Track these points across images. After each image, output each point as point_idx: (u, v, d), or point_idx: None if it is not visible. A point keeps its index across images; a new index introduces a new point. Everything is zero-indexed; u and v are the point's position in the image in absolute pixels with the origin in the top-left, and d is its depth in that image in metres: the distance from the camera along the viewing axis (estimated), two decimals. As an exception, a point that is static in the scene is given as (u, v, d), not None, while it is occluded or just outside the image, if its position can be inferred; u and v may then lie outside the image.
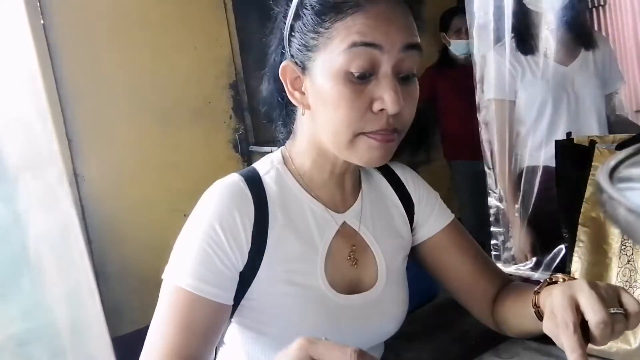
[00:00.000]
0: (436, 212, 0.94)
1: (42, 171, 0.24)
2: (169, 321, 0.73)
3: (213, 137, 2.60)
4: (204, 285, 0.74)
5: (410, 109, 0.75)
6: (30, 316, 0.23)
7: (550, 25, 1.51)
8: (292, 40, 0.76)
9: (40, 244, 0.23)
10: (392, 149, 0.76)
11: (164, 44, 2.42)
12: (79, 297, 0.25)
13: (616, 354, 0.88)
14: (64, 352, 0.24)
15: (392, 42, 0.70)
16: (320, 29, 0.72)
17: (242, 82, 2.69)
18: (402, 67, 0.72)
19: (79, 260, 0.24)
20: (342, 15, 0.70)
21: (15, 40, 0.25)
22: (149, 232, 2.32)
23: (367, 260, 0.86)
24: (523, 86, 1.64)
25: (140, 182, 2.36)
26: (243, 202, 0.78)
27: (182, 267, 0.75)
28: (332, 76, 0.71)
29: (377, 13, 0.70)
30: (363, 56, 0.70)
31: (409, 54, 0.72)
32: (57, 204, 0.24)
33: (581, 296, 0.63)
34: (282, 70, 0.77)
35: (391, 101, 0.70)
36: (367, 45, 0.69)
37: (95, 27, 2.26)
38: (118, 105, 2.31)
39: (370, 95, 0.71)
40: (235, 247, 0.76)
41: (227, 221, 0.76)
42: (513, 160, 1.58)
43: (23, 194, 0.23)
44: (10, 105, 0.24)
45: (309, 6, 0.73)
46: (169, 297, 0.75)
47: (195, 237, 0.76)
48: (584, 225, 0.99)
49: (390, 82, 0.71)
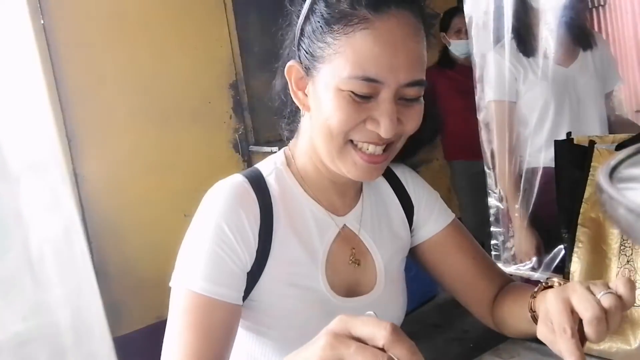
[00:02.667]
0: (436, 213, 0.94)
1: (44, 171, 0.24)
2: (188, 328, 0.71)
3: (213, 137, 2.60)
4: (219, 288, 0.73)
5: (410, 126, 0.74)
6: (31, 316, 0.23)
7: (550, 25, 1.51)
8: (301, 43, 0.75)
9: (42, 244, 0.23)
10: (381, 167, 0.77)
11: (164, 44, 2.42)
12: (81, 297, 0.25)
13: (616, 354, 0.88)
14: (65, 352, 0.24)
15: (395, 79, 0.69)
16: (328, 38, 0.71)
17: (242, 82, 2.69)
18: (405, 94, 0.72)
19: (81, 260, 0.25)
20: (351, 29, 0.69)
21: (18, 41, 0.25)
22: (149, 232, 2.32)
23: (367, 263, 0.86)
24: (525, 87, 1.63)
25: (140, 182, 2.35)
26: (248, 202, 0.77)
27: (193, 271, 0.74)
28: (333, 91, 0.71)
29: (386, 35, 0.69)
30: (364, 86, 0.69)
31: (412, 89, 0.72)
32: (60, 204, 0.24)
33: (573, 296, 0.63)
34: (288, 69, 0.77)
35: (385, 128, 0.70)
36: (367, 80, 0.69)
37: (95, 27, 2.26)
38: (118, 105, 2.31)
39: (368, 113, 0.71)
40: (244, 247, 0.75)
41: (234, 221, 0.75)
42: (515, 162, 1.58)
43: (25, 194, 0.23)
44: (12, 105, 0.24)
45: (319, 13, 0.72)
46: (183, 304, 0.73)
47: (204, 239, 0.75)
48: (584, 226, 0.99)
49: (389, 108, 0.70)
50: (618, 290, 0.62)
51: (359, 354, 0.47)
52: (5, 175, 0.22)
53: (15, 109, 0.23)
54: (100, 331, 0.25)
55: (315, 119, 0.75)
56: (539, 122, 1.64)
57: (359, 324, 0.50)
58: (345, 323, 0.50)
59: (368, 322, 0.50)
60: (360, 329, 0.49)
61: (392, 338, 0.48)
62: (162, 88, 2.42)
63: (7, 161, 0.22)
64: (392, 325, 0.49)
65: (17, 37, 0.25)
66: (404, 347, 0.48)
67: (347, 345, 0.48)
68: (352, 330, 0.50)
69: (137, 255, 2.31)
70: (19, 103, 0.24)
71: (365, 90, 0.69)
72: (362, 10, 0.69)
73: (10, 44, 0.25)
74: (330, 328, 0.51)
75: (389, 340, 0.48)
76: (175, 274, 0.76)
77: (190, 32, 2.50)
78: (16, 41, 0.25)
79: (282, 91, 0.84)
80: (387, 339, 0.48)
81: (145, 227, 2.33)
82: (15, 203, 0.22)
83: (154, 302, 2.23)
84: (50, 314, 0.23)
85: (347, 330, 0.50)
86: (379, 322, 0.49)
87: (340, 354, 0.48)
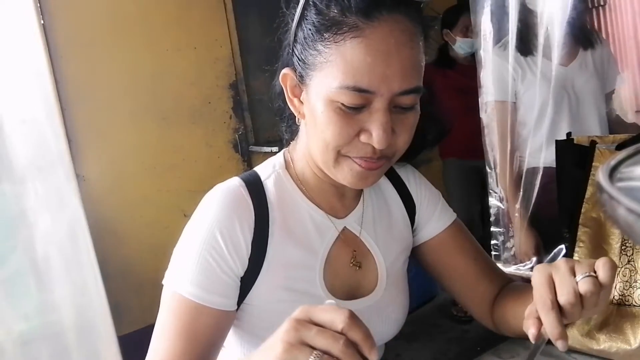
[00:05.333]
0: (438, 213, 0.94)
1: (49, 171, 0.24)
2: (172, 329, 0.73)
3: (213, 137, 2.59)
4: (206, 294, 0.73)
5: (403, 138, 0.72)
6: (36, 315, 0.23)
7: (550, 25, 1.51)
8: (295, 49, 0.74)
9: (47, 243, 0.24)
10: (379, 173, 0.76)
11: (164, 45, 2.42)
12: (86, 296, 0.25)
13: (616, 354, 0.88)
14: (70, 350, 0.24)
15: (388, 88, 0.67)
16: (319, 46, 0.69)
17: (242, 82, 2.68)
18: (400, 102, 0.70)
19: (86, 259, 0.25)
20: (341, 38, 0.67)
21: (24, 44, 0.25)
22: (149, 232, 2.32)
23: (368, 265, 0.86)
24: (524, 87, 1.63)
25: (140, 182, 2.35)
26: (243, 209, 0.77)
27: (183, 275, 0.74)
28: (324, 101, 0.69)
29: (377, 44, 0.66)
30: (355, 96, 0.67)
31: (407, 97, 0.69)
32: (65, 203, 0.24)
33: (556, 276, 0.65)
34: (282, 76, 0.77)
35: (378, 139, 0.68)
36: (360, 91, 0.67)
37: (95, 27, 2.26)
38: (118, 105, 2.31)
39: (361, 124, 0.69)
40: (235, 255, 0.75)
41: (227, 228, 0.75)
42: (515, 162, 1.58)
43: (31, 193, 0.23)
44: (18, 107, 0.24)
45: (310, 20, 0.70)
46: (171, 304, 0.74)
47: (196, 244, 0.75)
48: (585, 226, 0.99)
49: (381, 118, 0.68)
50: (597, 271, 0.64)
51: (320, 336, 0.51)
52: (12, 175, 0.22)
53: (23, 111, 0.23)
54: (105, 330, 0.25)
55: (310, 127, 0.75)
56: (538, 121, 1.64)
57: (319, 311, 0.53)
58: (307, 312, 0.54)
59: (328, 309, 0.53)
60: (321, 315, 0.53)
61: (349, 322, 0.51)
62: (162, 88, 2.41)
63: (14, 161, 0.23)
64: (349, 311, 0.52)
65: (25, 40, 0.25)
66: (361, 331, 0.51)
67: (309, 328, 0.52)
68: (313, 317, 0.53)
69: (136, 255, 2.31)
70: (27, 105, 0.24)
71: (356, 101, 0.67)
72: (353, 17, 0.66)
73: (19, 47, 0.25)
74: (292, 316, 0.54)
75: (347, 324, 0.51)
76: (167, 273, 0.77)
77: (190, 32, 2.49)
78: (24, 44, 0.25)
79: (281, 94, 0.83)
80: (346, 323, 0.51)
81: (145, 227, 2.33)
82: (20, 203, 0.23)
83: (154, 302, 2.23)
84: (55, 312, 0.23)
85: (308, 317, 0.53)
86: (338, 309, 0.52)
87: (303, 335, 0.51)
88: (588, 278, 0.63)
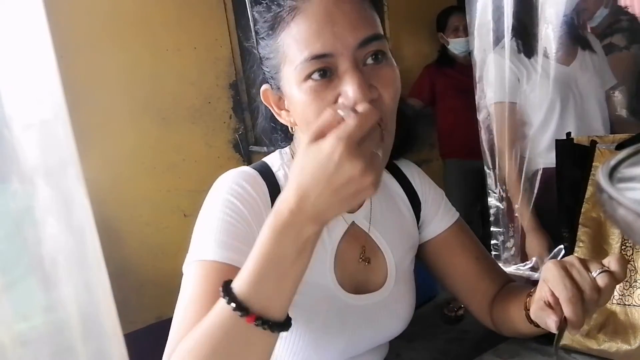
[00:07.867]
0: (442, 211, 0.94)
1: (58, 171, 0.24)
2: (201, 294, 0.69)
3: (213, 137, 2.59)
4: (232, 254, 0.72)
5: (388, 93, 0.70)
6: (43, 313, 0.23)
7: (550, 24, 1.51)
8: (263, 67, 0.77)
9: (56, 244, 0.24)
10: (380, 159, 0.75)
11: (163, 44, 2.42)
12: (92, 294, 0.25)
13: (616, 354, 0.88)
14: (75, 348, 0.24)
15: (343, 44, 0.67)
16: (274, 44, 0.72)
17: (242, 82, 2.68)
18: (364, 55, 0.69)
19: (94, 260, 0.25)
20: (286, 24, 0.69)
21: (33, 44, 0.25)
22: (148, 232, 2.32)
23: (377, 261, 0.86)
24: (529, 88, 1.63)
25: (140, 182, 2.35)
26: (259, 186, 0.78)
27: (205, 244, 0.73)
28: (296, 86, 0.70)
29: (316, 10, 0.67)
30: (318, 65, 0.67)
31: (368, 47, 0.68)
32: (74, 204, 0.24)
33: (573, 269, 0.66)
34: (263, 95, 0.79)
35: (354, 95, 0.66)
36: (317, 58, 0.67)
37: (95, 27, 2.26)
38: (118, 105, 2.31)
39: (337, 90, 0.68)
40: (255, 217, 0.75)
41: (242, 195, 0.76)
42: (519, 163, 1.58)
43: (40, 193, 0.24)
44: (28, 107, 0.24)
45: (261, 30, 0.74)
46: (196, 273, 0.71)
47: (213, 215, 0.75)
48: (585, 226, 0.99)
49: (352, 74, 0.67)
50: (611, 267, 0.65)
51: None
52: (20, 175, 0.22)
53: (32, 112, 0.23)
54: (112, 327, 0.25)
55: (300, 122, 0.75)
56: (545, 121, 1.64)
57: None
58: None
59: None
60: None
61: None
62: (162, 88, 2.41)
63: (23, 162, 0.23)
64: None
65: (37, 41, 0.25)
66: None
67: None
68: None
69: (136, 255, 2.30)
70: (37, 106, 0.24)
71: (319, 66, 0.67)
72: (287, 1, 0.69)
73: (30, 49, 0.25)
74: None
75: None
76: (188, 257, 0.75)
77: (190, 32, 2.49)
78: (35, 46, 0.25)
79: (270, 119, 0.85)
80: None
81: (145, 227, 2.33)
82: (30, 203, 0.23)
83: (154, 302, 2.24)
84: (62, 311, 0.23)
85: None
86: None
87: None
88: (605, 273, 0.64)
